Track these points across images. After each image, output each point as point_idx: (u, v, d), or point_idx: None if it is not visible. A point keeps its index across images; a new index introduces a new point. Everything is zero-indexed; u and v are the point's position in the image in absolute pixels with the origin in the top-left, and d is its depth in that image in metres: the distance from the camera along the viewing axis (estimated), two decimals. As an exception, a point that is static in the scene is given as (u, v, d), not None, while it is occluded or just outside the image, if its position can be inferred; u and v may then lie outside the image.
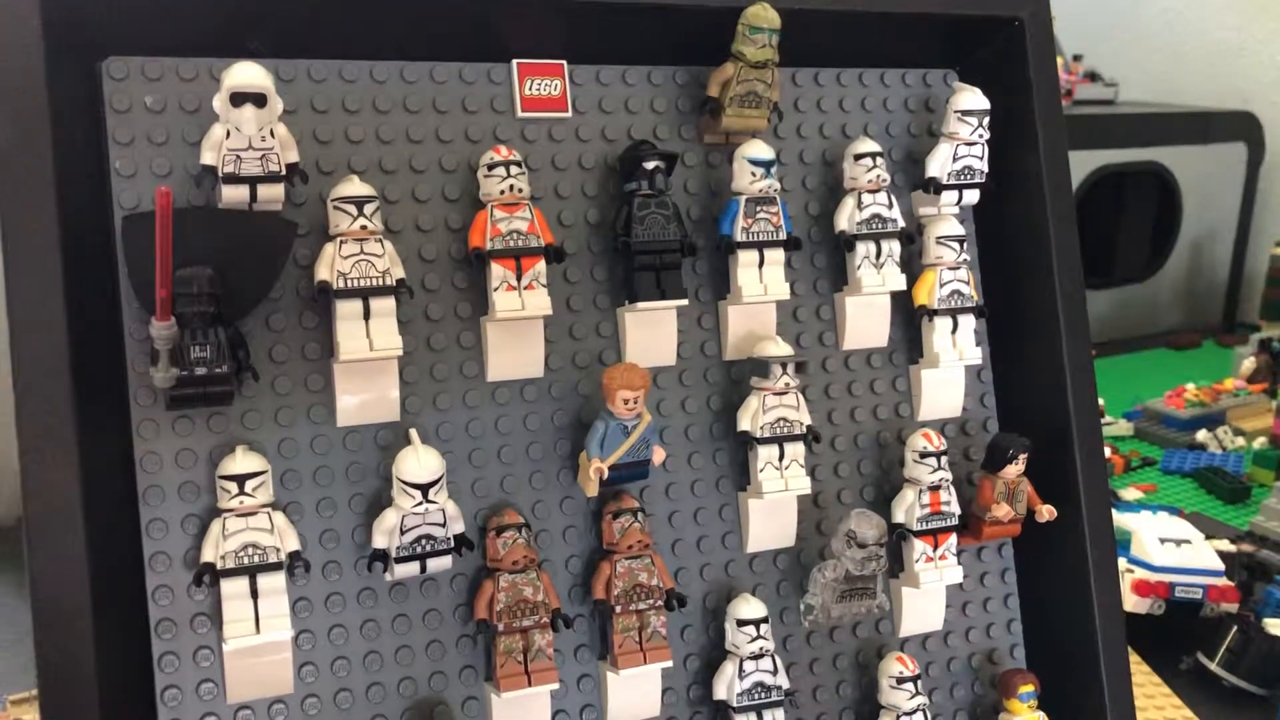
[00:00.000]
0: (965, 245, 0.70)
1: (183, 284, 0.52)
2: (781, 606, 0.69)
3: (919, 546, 0.69)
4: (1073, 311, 0.72)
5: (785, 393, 0.65)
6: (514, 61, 0.63)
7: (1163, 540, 1.01)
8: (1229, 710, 0.91)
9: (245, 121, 0.54)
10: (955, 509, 0.69)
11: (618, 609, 0.62)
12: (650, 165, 0.63)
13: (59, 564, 0.51)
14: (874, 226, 0.68)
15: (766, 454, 0.65)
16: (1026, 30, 0.71)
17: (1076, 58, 2.15)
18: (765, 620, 0.64)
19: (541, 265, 0.60)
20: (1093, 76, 2.16)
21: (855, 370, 0.71)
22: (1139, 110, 2.16)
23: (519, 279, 0.60)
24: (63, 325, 0.52)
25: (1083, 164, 1.94)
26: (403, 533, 0.57)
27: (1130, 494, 1.28)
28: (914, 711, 0.67)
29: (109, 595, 0.53)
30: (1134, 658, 0.94)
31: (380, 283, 0.57)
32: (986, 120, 0.69)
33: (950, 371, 0.71)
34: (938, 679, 0.73)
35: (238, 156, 0.55)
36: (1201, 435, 1.47)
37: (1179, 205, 2.14)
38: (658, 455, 0.62)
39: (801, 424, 0.66)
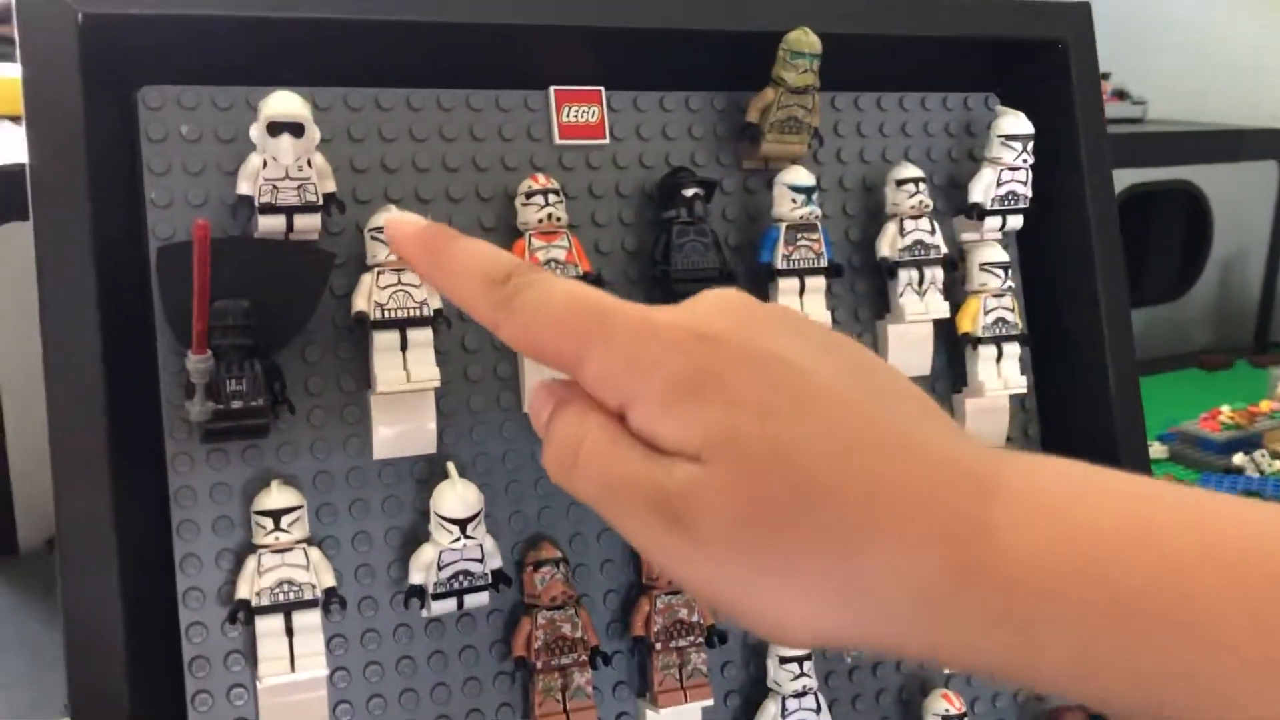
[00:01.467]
0: (1009, 272, 0.69)
1: (219, 316, 0.51)
2: (823, 641, 0.67)
3: (964, 580, 0.67)
4: (1119, 339, 0.70)
5: (827, 423, 0.64)
6: (551, 88, 0.62)
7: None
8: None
9: (283, 151, 0.53)
10: (1001, 541, 0.68)
11: (658, 646, 0.60)
12: (689, 192, 0.62)
13: (93, 598, 0.51)
14: (916, 253, 0.67)
15: (808, 486, 0.64)
16: (1070, 53, 0.70)
17: (1104, 76, 2.13)
18: (808, 656, 0.63)
19: (580, 294, 0.59)
20: (1121, 95, 2.14)
21: (897, 399, 0.70)
22: (1168, 129, 2.14)
23: (557, 309, 0.59)
24: (97, 357, 0.51)
25: (1112, 183, 1.92)
26: (440, 568, 0.56)
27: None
28: (960, 750, 0.66)
29: (142, 631, 0.53)
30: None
31: (418, 313, 0.56)
32: (1030, 145, 0.68)
33: (995, 400, 0.70)
34: (984, 716, 0.71)
35: (274, 186, 0.54)
36: (1238, 459, 1.45)
37: (1209, 224, 2.12)
38: (698, 488, 0.61)
39: (844, 455, 0.64)
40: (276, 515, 0.54)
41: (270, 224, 0.54)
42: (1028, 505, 0.32)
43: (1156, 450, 1.52)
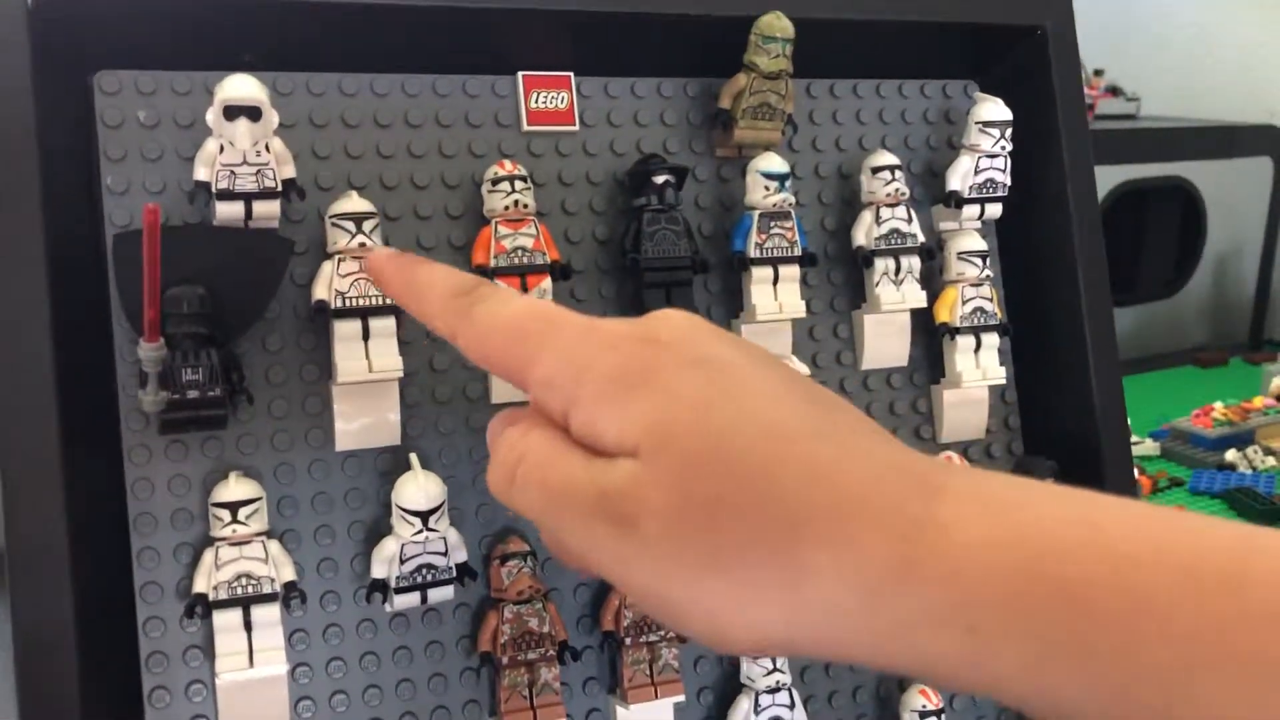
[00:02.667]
0: (988, 261, 0.68)
1: (172, 304, 0.50)
2: (799, 637, 0.66)
3: (942, 574, 0.66)
4: (1100, 329, 0.69)
5: (801, 414, 0.63)
6: (519, 74, 0.61)
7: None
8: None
9: (239, 135, 0.52)
10: (979, 535, 0.67)
11: (627, 641, 0.59)
12: (660, 180, 0.61)
13: (43, 594, 0.49)
14: (893, 242, 0.65)
15: (782, 478, 0.63)
16: (1049, 39, 0.69)
17: (1098, 72, 2.12)
18: (781, 652, 0.62)
19: (548, 283, 0.58)
20: (1115, 91, 2.13)
21: (874, 390, 0.69)
22: (1162, 125, 2.14)
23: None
24: (49, 345, 0.50)
25: (1106, 179, 1.91)
26: (403, 562, 0.55)
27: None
28: (938, 747, 0.65)
29: (97, 627, 0.51)
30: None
31: (380, 302, 0.55)
32: (1009, 132, 0.67)
33: (973, 392, 0.68)
34: (962, 713, 0.70)
35: (232, 172, 0.53)
36: (1230, 455, 1.44)
37: (1203, 221, 2.11)
38: (669, 480, 0.60)
39: (818, 447, 0.63)
40: (234, 507, 0.53)
41: (228, 211, 0.53)
42: (975, 504, 0.31)
43: (1149, 447, 1.51)
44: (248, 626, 0.53)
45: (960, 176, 0.67)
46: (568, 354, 0.35)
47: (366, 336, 0.55)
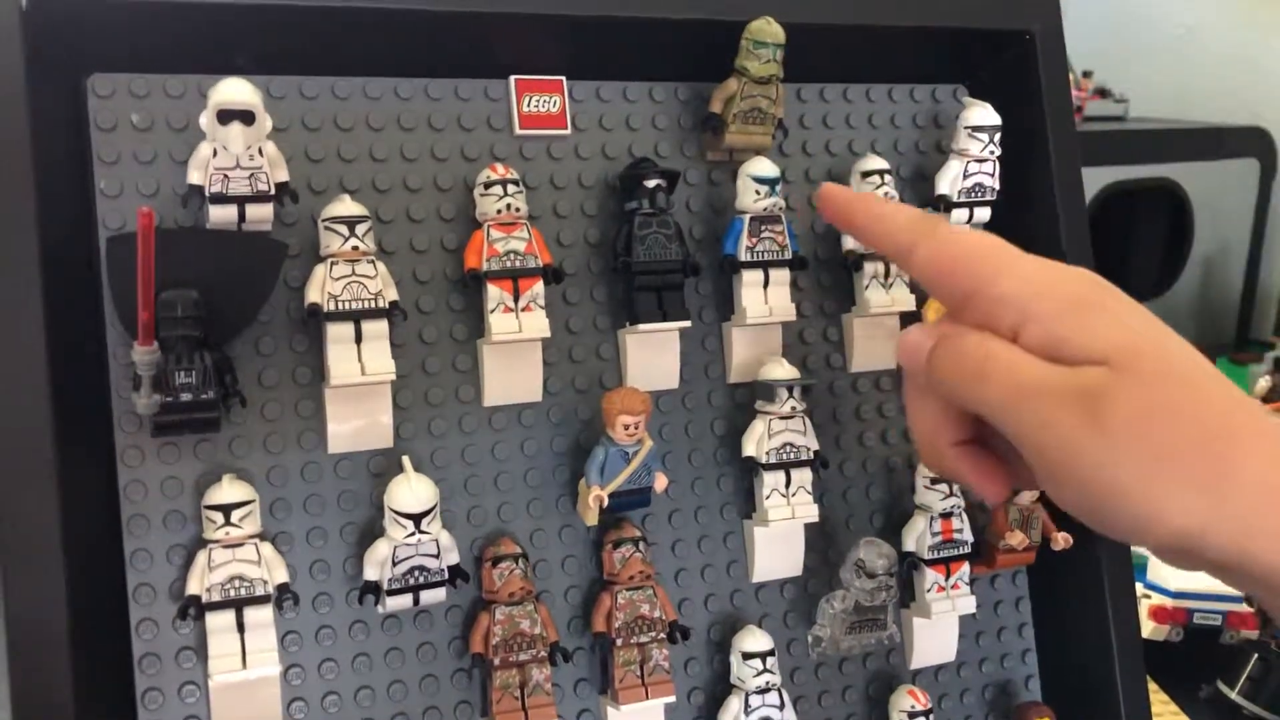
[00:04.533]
0: (976, 264, 0.68)
1: (166, 307, 0.50)
2: (789, 638, 0.66)
3: (931, 576, 0.66)
4: (1087, 332, 0.70)
5: (791, 417, 0.63)
6: (511, 78, 0.62)
7: (1180, 565, 0.99)
8: (1251, 741, 0.88)
9: (232, 139, 0.52)
10: (968, 536, 0.67)
11: (618, 642, 0.60)
12: (651, 183, 0.61)
13: (36, 596, 0.50)
14: (882, 245, 0.66)
15: (772, 480, 0.63)
16: (1037, 43, 0.70)
17: (1086, 74, 2.13)
18: (771, 653, 0.62)
19: (539, 286, 0.59)
20: (1103, 93, 2.14)
21: (864, 393, 0.69)
22: (1150, 126, 2.14)
23: (516, 300, 0.58)
24: (42, 348, 0.50)
25: (1093, 181, 1.92)
26: (395, 564, 0.55)
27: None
28: (926, 747, 0.65)
29: (90, 629, 0.51)
30: (1152, 686, 0.91)
31: (373, 305, 0.55)
32: (998, 136, 0.67)
33: (962, 394, 0.69)
34: (950, 712, 0.70)
35: (225, 175, 0.53)
36: (1217, 455, 1.44)
37: (1191, 222, 2.12)
38: (660, 482, 0.60)
39: (808, 449, 0.64)
40: (227, 510, 0.53)
41: (221, 214, 0.53)
42: None
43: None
44: (240, 628, 0.54)
45: (949, 181, 0.67)
46: (1029, 276, 0.41)
47: (359, 339, 0.55)
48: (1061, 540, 0.68)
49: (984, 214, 0.69)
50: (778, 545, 0.65)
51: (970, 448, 0.45)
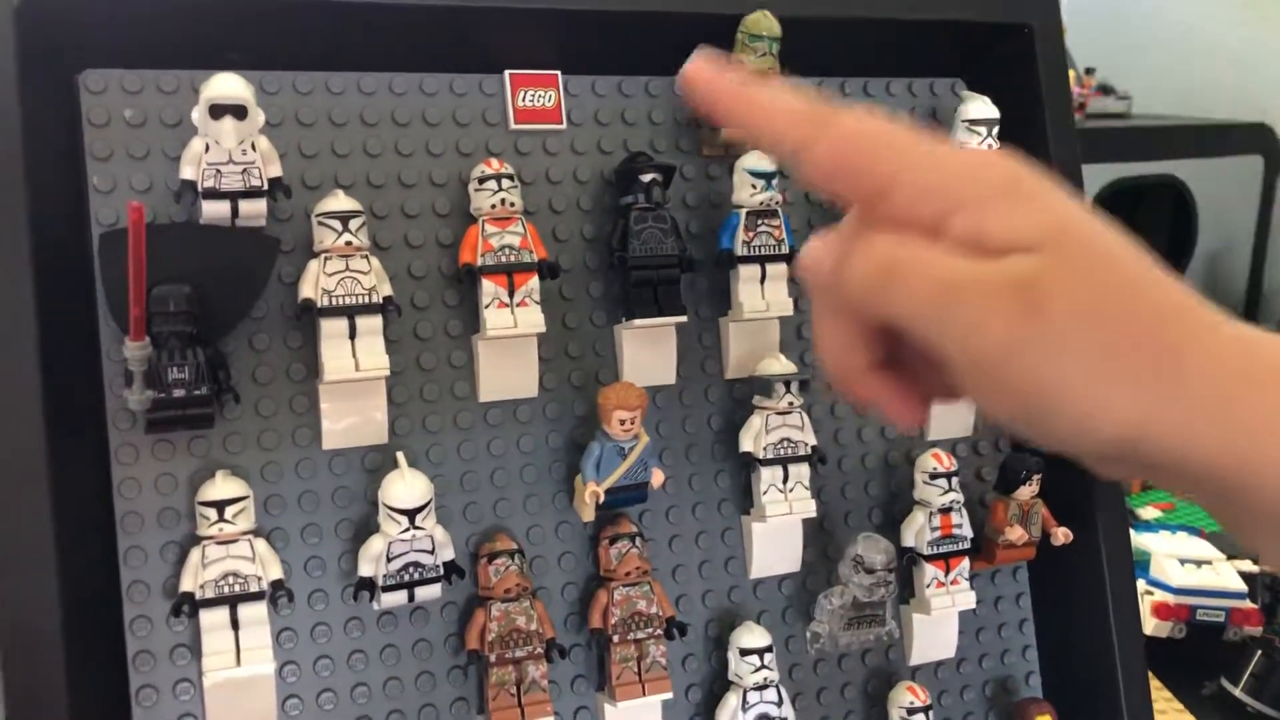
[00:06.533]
0: (975, 258, 0.67)
1: (158, 302, 0.50)
2: (787, 634, 0.66)
3: (930, 571, 0.66)
4: (1087, 326, 0.69)
5: (789, 412, 0.63)
6: (506, 72, 0.61)
7: (1183, 561, 0.98)
8: (1254, 738, 0.88)
9: (225, 134, 0.52)
10: (967, 532, 0.67)
11: (615, 638, 0.59)
12: (647, 178, 0.61)
13: (29, 593, 0.49)
14: (880, 240, 0.65)
15: (770, 476, 0.63)
16: (1036, 37, 0.69)
17: (1089, 71, 2.12)
18: (769, 649, 0.62)
19: (535, 281, 0.58)
20: (1106, 90, 2.13)
21: (862, 388, 0.69)
22: (1153, 123, 2.14)
23: (511, 295, 0.58)
24: (35, 344, 0.50)
25: (1096, 178, 1.91)
26: (390, 560, 0.55)
27: (1148, 513, 1.25)
28: (926, 743, 0.65)
29: (83, 626, 0.51)
30: (1155, 683, 0.91)
31: (366, 300, 0.55)
32: (995, 129, 0.67)
33: (960, 389, 0.68)
34: (950, 709, 0.70)
35: (218, 171, 0.53)
36: (1221, 452, 1.44)
37: (1194, 219, 2.11)
38: (656, 478, 0.60)
39: (806, 444, 0.64)
40: (220, 506, 0.53)
41: (214, 209, 0.53)
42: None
43: (1139, 444, 1.51)
44: (235, 625, 0.53)
45: (947, 174, 0.67)
46: (950, 164, 0.37)
47: (353, 335, 0.55)
48: (1062, 535, 0.67)
49: (982, 208, 0.68)
50: (776, 541, 0.65)
51: (886, 371, 0.41)
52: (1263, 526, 0.36)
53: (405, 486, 0.54)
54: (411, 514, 0.54)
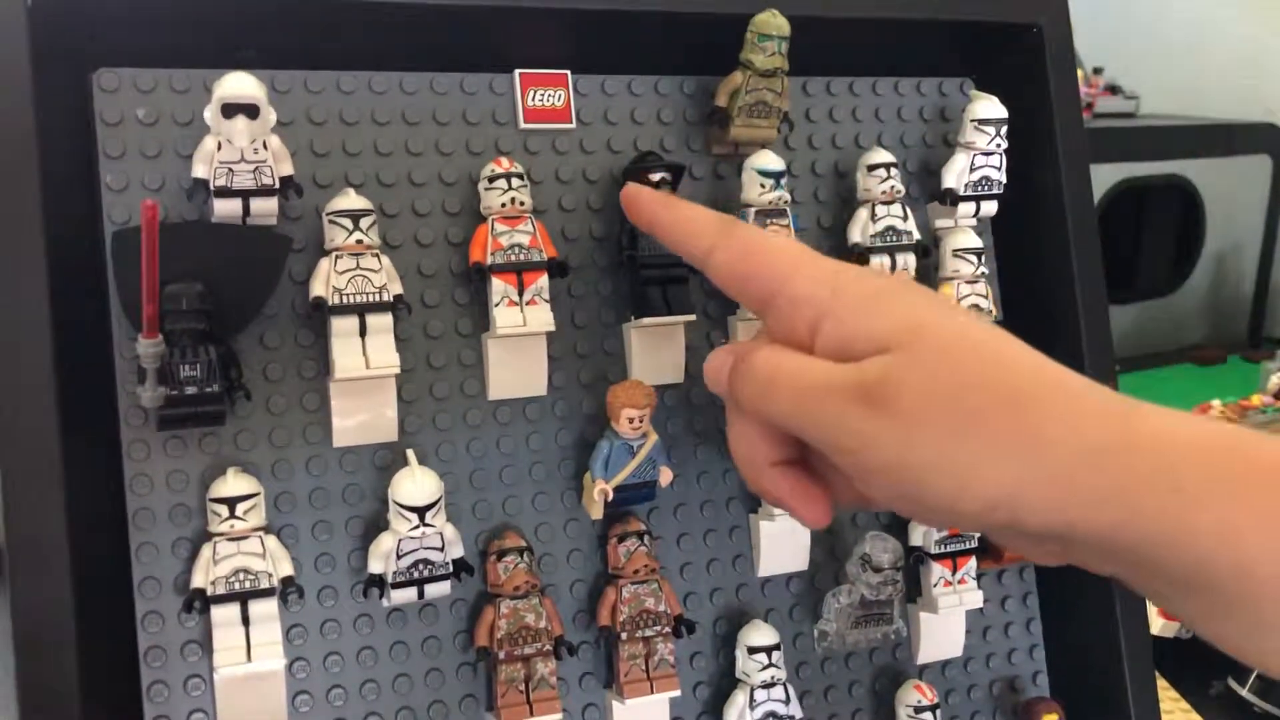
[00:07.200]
0: (983, 258, 0.68)
1: (171, 300, 0.50)
2: (795, 632, 0.66)
3: (937, 570, 0.66)
4: (1095, 325, 0.69)
5: (797, 411, 0.63)
6: (516, 72, 0.62)
7: (1190, 561, 0.98)
8: (1261, 738, 0.88)
9: (237, 133, 0.52)
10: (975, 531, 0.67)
11: (624, 636, 0.60)
12: (656, 177, 0.61)
13: (42, 589, 0.50)
14: (888, 239, 0.66)
15: (778, 474, 0.63)
16: (1045, 37, 0.69)
17: (1097, 70, 2.12)
18: (777, 647, 0.62)
19: (544, 280, 0.59)
20: (1114, 89, 2.13)
21: (870, 387, 0.69)
22: (1161, 123, 2.14)
23: (521, 294, 0.58)
24: (48, 341, 0.50)
25: (1104, 177, 1.91)
26: (399, 557, 0.55)
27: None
28: (933, 742, 0.65)
29: (96, 622, 0.52)
30: (1161, 683, 0.91)
31: (377, 298, 0.55)
32: (1004, 129, 0.67)
33: (968, 388, 0.69)
34: (957, 707, 0.70)
35: (230, 169, 0.53)
36: (1228, 453, 1.43)
37: (1202, 218, 2.11)
38: (665, 476, 0.60)
39: (814, 443, 0.64)
40: (231, 503, 0.53)
41: (226, 208, 0.53)
42: (1159, 408, 0.37)
43: (1146, 444, 1.51)
44: (245, 621, 0.54)
45: (956, 174, 0.67)
46: (824, 274, 0.42)
47: (364, 333, 0.55)
48: (1069, 535, 0.67)
49: (990, 207, 0.69)
50: (784, 540, 0.65)
51: (789, 468, 0.45)
52: (1160, 586, 0.37)
53: (415, 484, 0.54)
54: (421, 511, 0.54)
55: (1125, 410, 0.37)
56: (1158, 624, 0.94)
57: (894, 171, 0.66)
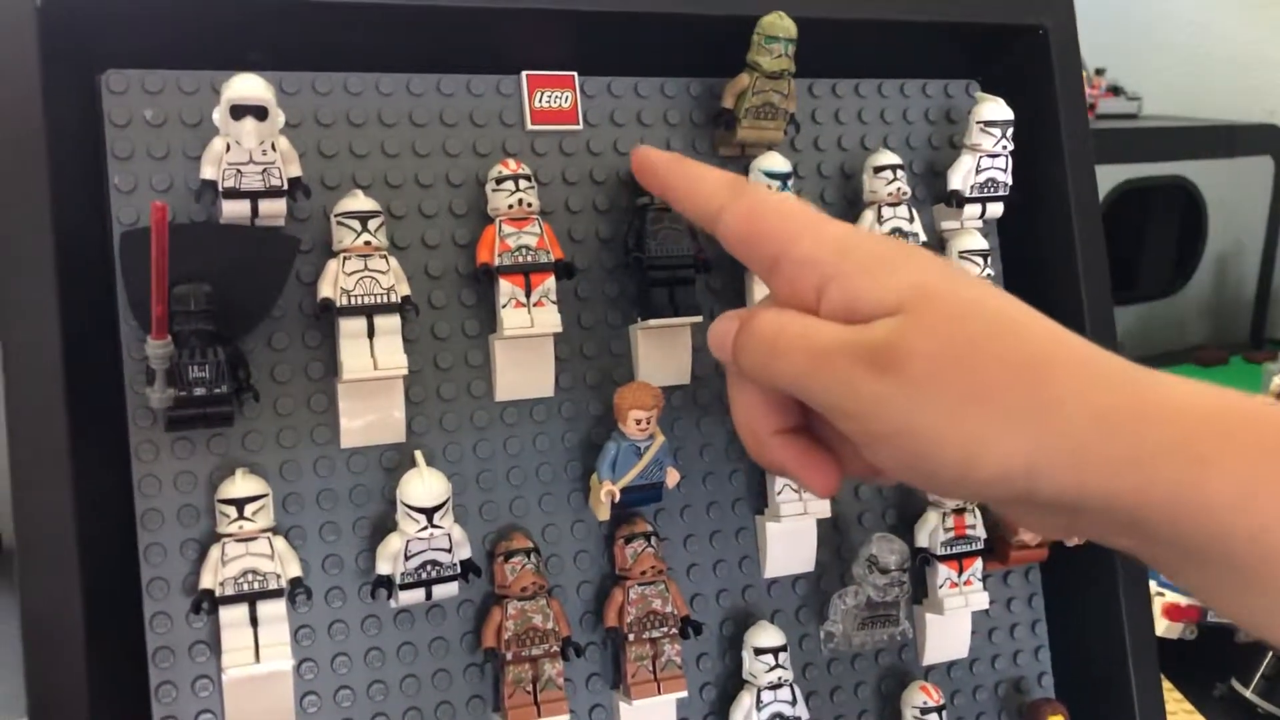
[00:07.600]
0: (989, 260, 0.68)
1: (179, 301, 0.51)
2: (801, 634, 0.66)
3: (943, 571, 0.66)
4: (1100, 327, 0.69)
5: (803, 412, 0.63)
6: (523, 73, 0.62)
7: (1194, 563, 0.98)
8: (1266, 740, 0.88)
9: (245, 134, 0.52)
10: (980, 532, 0.67)
11: (630, 637, 0.60)
12: (663, 178, 0.61)
13: (51, 591, 0.50)
14: (894, 241, 0.66)
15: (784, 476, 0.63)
16: (1050, 39, 0.69)
17: (1099, 71, 2.12)
18: (784, 648, 0.62)
19: (551, 281, 0.59)
20: (1116, 90, 2.13)
21: (876, 389, 0.69)
22: (1163, 124, 2.13)
23: (528, 295, 0.58)
24: (57, 342, 0.50)
25: (1106, 178, 1.91)
26: (407, 558, 0.55)
27: (1159, 514, 1.25)
28: (939, 743, 0.65)
29: (104, 623, 0.52)
30: (1166, 684, 0.91)
31: (384, 300, 0.55)
32: (1010, 131, 0.67)
33: (974, 390, 0.69)
34: (963, 708, 0.70)
35: (238, 171, 0.53)
36: (1231, 454, 1.44)
37: (1204, 220, 2.11)
38: (671, 477, 0.60)
39: (820, 444, 0.64)
40: (240, 504, 0.53)
41: (234, 209, 0.54)
42: (1182, 380, 0.36)
43: (1149, 446, 1.51)
44: (254, 622, 0.54)
45: (962, 176, 0.67)
46: (831, 236, 0.41)
47: (371, 334, 0.56)
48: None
49: (996, 209, 0.69)
50: (790, 541, 0.65)
51: (794, 436, 0.44)
52: (1174, 559, 0.36)
53: (423, 485, 0.54)
54: (429, 512, 0.54)
55: (1140, 378, 0.36)
56: (1162, 625, 0.94)
57: (900, 173, 0.66)
